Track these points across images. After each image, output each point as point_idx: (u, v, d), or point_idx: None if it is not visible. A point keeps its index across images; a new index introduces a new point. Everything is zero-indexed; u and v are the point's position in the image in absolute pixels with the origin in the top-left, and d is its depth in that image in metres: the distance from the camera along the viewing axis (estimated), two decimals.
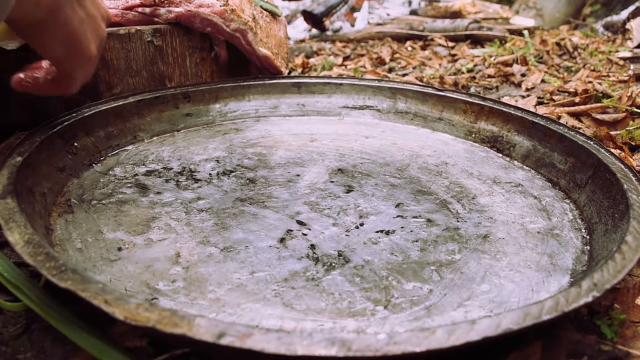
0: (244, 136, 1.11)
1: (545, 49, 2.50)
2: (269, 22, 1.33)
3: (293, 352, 0.41)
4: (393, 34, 3.10)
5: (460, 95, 1.16)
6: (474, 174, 0.95)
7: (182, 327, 0.43)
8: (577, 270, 0.68)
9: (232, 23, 1.20)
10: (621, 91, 1.56)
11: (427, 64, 2.33)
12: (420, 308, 0.60)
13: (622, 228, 0.66)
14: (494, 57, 2.35)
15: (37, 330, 0.60)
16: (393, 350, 0.42)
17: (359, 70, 2.12)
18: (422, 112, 1.19)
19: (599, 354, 0.56)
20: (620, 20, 3.23)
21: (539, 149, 0.97)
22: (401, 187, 0.90)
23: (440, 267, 0.68)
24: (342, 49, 2.81)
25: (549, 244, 0.74)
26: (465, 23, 3.02)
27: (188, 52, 1.23)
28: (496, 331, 0.45)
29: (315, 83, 1.27)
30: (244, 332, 0.42)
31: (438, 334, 0.44)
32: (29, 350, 0.57)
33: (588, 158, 0.85)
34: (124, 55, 1.12)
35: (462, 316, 0.59)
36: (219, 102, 1.20)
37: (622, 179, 0.75)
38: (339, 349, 0.41)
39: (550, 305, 0.48)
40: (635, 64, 2.24)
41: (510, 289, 0.64)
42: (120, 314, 0.44)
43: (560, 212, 0.82)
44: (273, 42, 1.33)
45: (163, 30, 1.17)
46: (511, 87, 1.87)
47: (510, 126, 1.05)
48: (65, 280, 0.49)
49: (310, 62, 2.36)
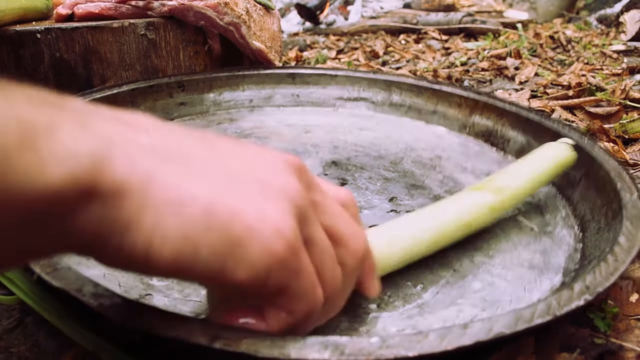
0: (238, 126, 1.11)
1: (539, 42, 2.50)
2: (263, 15, 1.33)
3: (286, 356, 0.41)
4: (387, 27, 3.10)
5: (455, 89, 1.16)
6: (468, 169, 0.95)
7: (177, 330, 0.43)
8: (570, 268, 0.68)
9: (226, 16, 1.20)
10: (615, 84, 1.56)
11: (421, 57, 2.33)
12: (412, 306, 0.60)
13: (615, 228, 0.66)
14: (487, 51, 2.35)
15: (31, 324, 0.60)
16: (385, 355, 0.42)
17: (352, 64, 2.12)
18: (416, 105, 1.19)
19: (592, 347, 0.56)
20: (613, 14, 3.24)
21: (533, 144, 0.97)
22: (395, 180, 0.90)
23: (433, 264, 0.68)
24: (335, 43, 2.81)
25: (542, 241, 0.74)
26: (458, 16, 3.02)
27: (181, 46, 1.22)
28: (488, 335, 0.45)
29: (310, 74, 1.27)
30: (237, 336, 0.42)
31: (430, 338, 0.44)
32: (23, 344, 0.57)
33: (582, 155, 0.85)
34: (117, 48, 1.11)
35: (455, 315, 0.59)
36: (213, 92, 1.20)
37: (616, 177, 0.75)
38: (332, 353, 0.41)
39: (543, 308, 0.48)
40: (629, 57, 2.24)
41: (503, 288, 0.64)
42: (115, 317, 0.44)
43: (553, 210, 0.82)
44: (267, 35, 1.33)
45: (156, 24, 1.16)
46: (505, 80, 1.87)
47: (505, 121, 1.05)
48: (59, 279, 0.48)
49: (304, 56, 2.35)
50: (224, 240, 0.34)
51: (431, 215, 0.65)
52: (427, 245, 0.63)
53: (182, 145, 0.37)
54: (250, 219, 0.35)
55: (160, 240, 0.33)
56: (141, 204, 0.32)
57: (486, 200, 0.69)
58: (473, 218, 0.67)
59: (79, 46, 1.07)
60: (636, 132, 1.20)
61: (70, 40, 1.06)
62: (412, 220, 0.64)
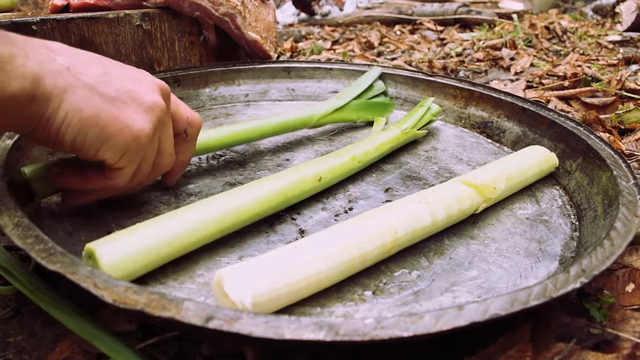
0: (233, 120, 1.11)
1: (534, 33, 2.50)
2: (258, 6, 1.32)
3: (280, 336, 0.41)
4: (382, 18, 3.10)
5: (450, 80, 1.16)
6: (463, 160, 0.95)
7: (171, 310, 0.43)
8: (566, 256, 0.68)
9: (221, 7, 1.19)
10: (610, 75, 1.57)
11: (416, 48, 2.33)
12: (408, 293, 0.60)
13: (611, 214, 0.66)
14: (482, 41, 2.35)
15: (27, 314, 0.60)
16: (380, 335, 0.42)
17: (347, 55, 2.12)
18: (412, 97, 1.19)
19: (588, 337, 0.57)
20: (609, 4, 3.24)
21: (529, 135, 0.97)
22: (390, 172, 0.90)
23: (429, 252, 0.68)
24: (330, 33, 2.80)
25: (538, 229, 0.74)
26: (454, 7, 3.02)
27: (177, 36, 1.22)
28: (484, 317, 0.45)
29: (305, 68, 1.27)
30: (231, 316, 0.42)
31: (426, 319, 0.44)
32: (20, 334, 0.57)
33: (578, 144, 0.85)
34: (112, 39, 1.11)
35: (450, 302, 0.59)
36: (209, 87, 1.20)
37: (612, 164, 0.75)
38: (327, 333, 0.41)
39: (539, 291, 0.48)
40: (625, 47, 2.24)
41: (499, 275, 0.64)
42: (108, 297, 0.44)
43: (550, 198, 0.82)
44: (262, 26, 1.33)
45: (152, 14, 1.16)
46: (500, 71, 1.87)
47: (501, 112, 1.05)
48: (54, 263, 0.48)
49: (299, 47, 2.35)
50: (103, 133, 0.57)
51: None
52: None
53: (87, 66, 0.58)
54: (121, 124, 0.58)
55: (65, 128, 0.55)
56: (58, 105, 0.54)
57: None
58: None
59: (74, 37, 1.07)
60: (632, 122, 1.20)
61: (65, 31, 1.06)
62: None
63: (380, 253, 0.61)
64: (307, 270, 0.55)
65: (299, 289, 0.54)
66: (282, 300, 0.53)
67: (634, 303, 0.63)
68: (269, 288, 0.51)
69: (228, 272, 0.52)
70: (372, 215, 0.63)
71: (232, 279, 0.51)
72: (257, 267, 0.53)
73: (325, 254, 0.56)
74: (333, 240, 0.58)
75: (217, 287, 0.52)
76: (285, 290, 0.52)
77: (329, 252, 0.57)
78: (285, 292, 0.53)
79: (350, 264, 0.58)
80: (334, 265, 0.56)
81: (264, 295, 0.51)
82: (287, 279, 0.53)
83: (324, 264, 0.56)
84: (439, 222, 0.68)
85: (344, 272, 0.58)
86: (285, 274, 0.53)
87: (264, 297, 0.51)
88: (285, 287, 0.52)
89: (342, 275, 0.58)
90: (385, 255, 0.63)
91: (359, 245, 0.59)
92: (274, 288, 0.52)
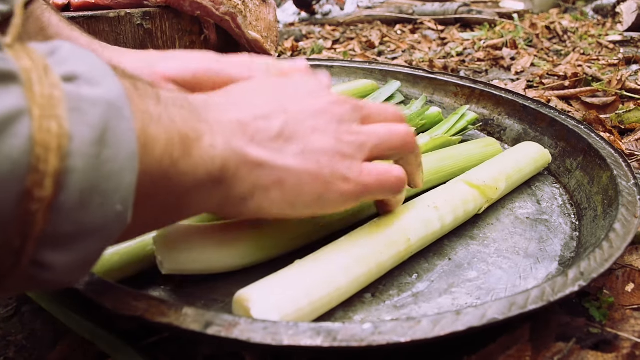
0: None
1: (535, 33, 2.49)
2: (259, 5, 1.32)
3: (279, 342, 0.41)
4: (382, 17, 3.09)
5: (451, 78, 1.16)
6: None
7: (170, 317, 0.43)
8: (566, 256, 0.68)
9: (222, 6, 1.19)
10: (611, 75, 1.56)
11: (417, 48, 2.33)
12: (407, 295, 0.60)
13: (611, 215, 0.66)
14: (483, 41, 2.34)
15: (27, 313, 0.60)
16: (378, 340, 0.42)
17: (348, 54, 2.12)
18: (413, 94, 1.19)
19: (588, 337, 0.57)
20: (610, 4, 3.23)
21: (530, 133, 0.97)
22: None
23: (428, 253, 0.68)
24: (331, 33, 2.80)
25: (538, 229, 0.74)
26: (454, 6, 3.01)
27: (177, 36, 1.22)
28: (481, 321, 0.45)
29: None
30: (230, 322, 0.42)
31: (423, 324, 0.44)
32: (20, 333, 0.57)
33: (578, 143, 0.85)
34: (113, 38, 1.11)
35: (449, 303, 0.59)
36: None
37: (612, 164, 0.75)
38: (325, 339, 0.41)
39: (536, 294, 0.48)
40: (625, 47, 2.24)
41: (498, 276, 0.64)
42: (109, 304, 0.44)
43: (550, 197, 0.82)
44: (262, 25, 1.32)
45: (153, 13, 1.16)
46: (501, 70, 1.87)
47: (501, 109, 1.05)
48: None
49: (300, 46, 2.35)
50: (312, 197, 0.49)
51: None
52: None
53: (268, 120, 0.48)
54: (331, 186, 0.50)
55: (269, 204, 0.48)
56: (253, 185, 0.46)
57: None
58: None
59: None
60: (632, 122, 1.20)
61: None
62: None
63: (395, 261, 0.61)
64: (329, 286, 0.53)
65: (321, 305, 0.53)
66: (306, 319, 0.52)
67: (633, 303, 0.63)
68: (295, 308, 0.50)
69: (254, 294, 0.50)
70: (385, 223, 0.63)
71: (258, 302, 0.49)
72: (281, 287, 0.51)
73: (344, 266, 0.55)
74: (351, 250, 0.58)
75: (239, 306, 0.51)
76: (308, 309, 0.51)
77: (348, 263, 0.56)
78: (309, 310, 0.51)
79: (368, 275, 0.58)
80: (354, 278, 0.56)
81: (289, 316, 0.49)
82: (311, 297, 0.52)
83: (344, 278, 0.55)
84: (447, 226, 0.68)
85: (363, 283, 0.58)
86: (309, 293, 0.52)
87: (290, 319, 0.49)
88: (309, 306, 0.51)
89: (362, 286, 0.58)
90: (399, 262, 0.62)
91: (376, 256, 0.58)
92: (299, 308, 0.50)
